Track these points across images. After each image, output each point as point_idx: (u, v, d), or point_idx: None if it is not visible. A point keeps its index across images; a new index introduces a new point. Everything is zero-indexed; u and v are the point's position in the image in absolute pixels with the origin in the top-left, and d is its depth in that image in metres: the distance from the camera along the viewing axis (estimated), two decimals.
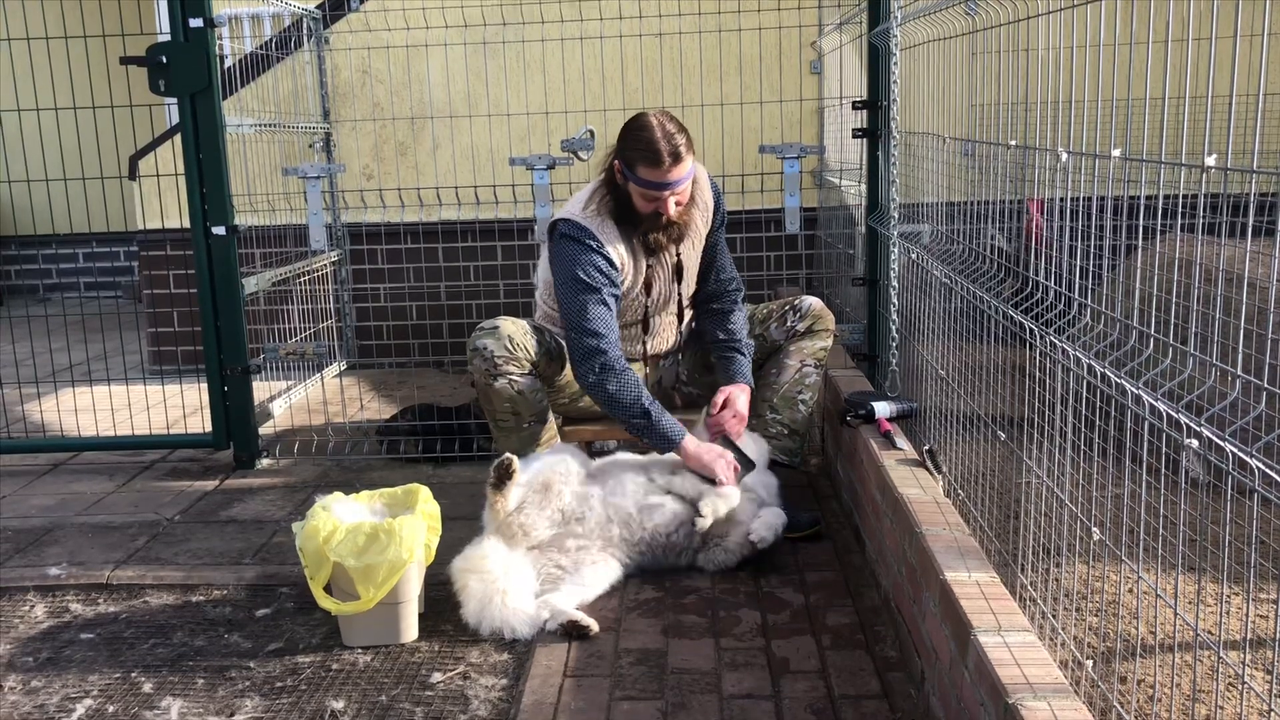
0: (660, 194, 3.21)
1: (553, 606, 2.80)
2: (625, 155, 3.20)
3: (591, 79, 5.23)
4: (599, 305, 3.22)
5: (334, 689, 2.57)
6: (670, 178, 3.17)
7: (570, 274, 3.25)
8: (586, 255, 3.25)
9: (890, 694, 2.46)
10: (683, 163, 3.17)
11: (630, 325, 3.51)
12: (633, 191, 3.24)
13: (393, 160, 5.77)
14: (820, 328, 3.56)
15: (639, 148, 3.16)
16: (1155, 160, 1.70)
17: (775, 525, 3.11)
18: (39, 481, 4.23)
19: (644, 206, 3.26)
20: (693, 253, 3.49)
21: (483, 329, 3.33)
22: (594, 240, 3.26)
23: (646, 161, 3.15)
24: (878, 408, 3.27)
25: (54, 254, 8.73)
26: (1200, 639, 2.12)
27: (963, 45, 2.74)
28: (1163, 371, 1.72)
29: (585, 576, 2.95)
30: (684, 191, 3.27)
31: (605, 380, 3.19)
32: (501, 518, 2.96)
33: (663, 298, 3.50)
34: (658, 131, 3.15)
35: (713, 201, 3.51)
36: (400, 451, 4.31)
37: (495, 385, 3.29)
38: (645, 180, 3.18)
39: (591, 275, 3.23)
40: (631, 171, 3.19)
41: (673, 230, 3.33)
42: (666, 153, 3.13)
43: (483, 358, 3.29)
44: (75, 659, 2.77)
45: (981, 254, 2.60)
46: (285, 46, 5.37)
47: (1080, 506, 2.03)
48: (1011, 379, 2.41)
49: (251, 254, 4.66)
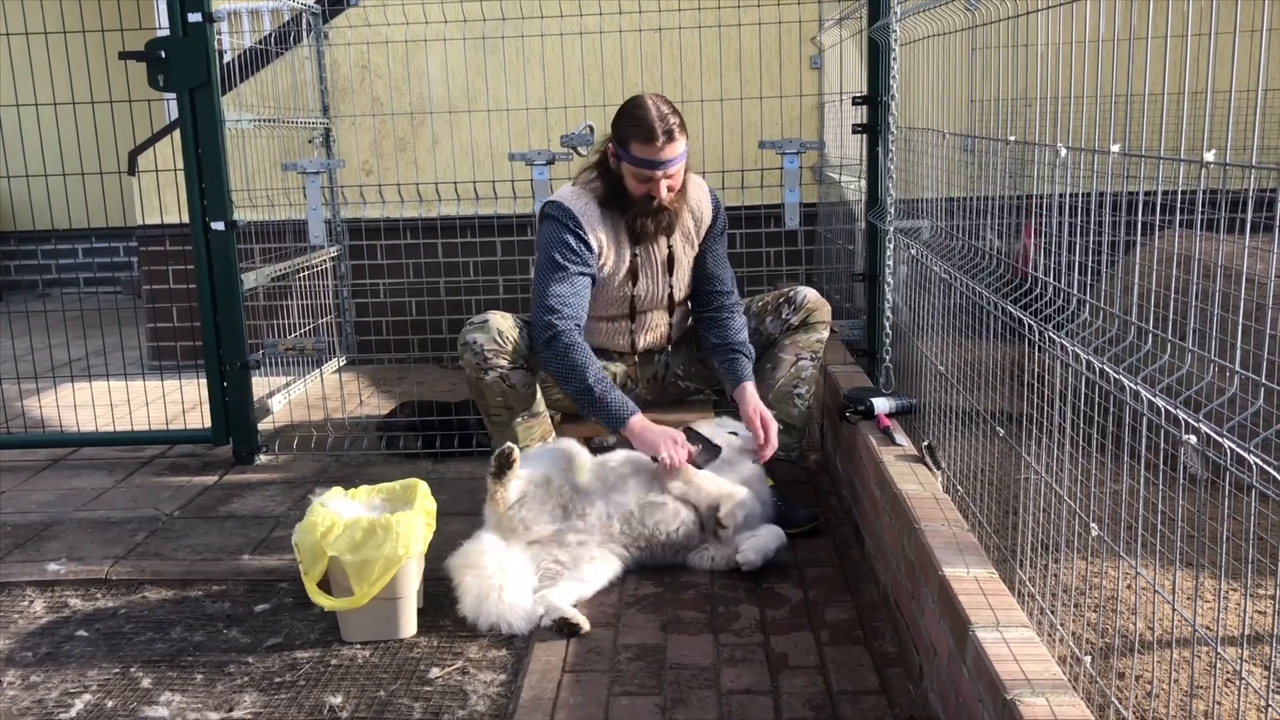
0: (653, 173, 3.22)
1: (548, 602, 2.80)
2: (620, 133, 3.24)
3: (591, 74, 5.22)
4: (563, 283, 3.24)
5: (333, 684, 2.57)
6: (663, 155, 3.20)
7: (544, 253, 3.30)
8: (561, 235, 3.28)
9: (889, 690, 2.46)
10: (675, 142, 3.21)
11: (617, 318, 3.51)
12: (626, 172, 3.27)
13: (392, 155, 5.77)
14: (815, 320, 3.54)
15: (633, 124, 3.20)
16: (1155, 156, 1.70)
17: (767, 550, 3.07)
18: (38, 477, 4.23)
19: (636, 188, 3.28)
20: (688, 248, 3.48)
21: (472, 324, 3.35)
22: (572, 220, 3.29)
23: (640, 137, 3.18)
24: (877, 404, 3.27)
25: (53, 249, 8.73)
26: (1198, 635, 2.12)
27: (962, 40, 2.73)
28: (1161, 367, 1.72)
29: (584, 572, 2.95)
30: (676, 175, 3.28)
31: (553, 352, 3.18)
32: (502, 510, 2.96)
33: (651, 292, 3.48)
34: (653, 110, 3.20)
35: (710, 209, 3.50)
36: (399, 447, 4.31)
37: (486, 379, 3.30)
38: (638, 158, 3.21)
39: (563, 254, 3.26)
40: (625, 149, 3.23)
41: (662, 218, 3.33)
42: (660, 130, 3.17)
43: (473, 352, 3.30)
44: (74, 654, 2.77)
45: (981, 250, 2.60)
46: (284, 41, 5.37)
47: (1079, 502, 2.03)
48: (1010, 375, 2.41)
49: (251, 249, 4.65)
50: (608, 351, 3.58)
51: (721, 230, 3.55)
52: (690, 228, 3.47)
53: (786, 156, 4.28)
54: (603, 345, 3.55)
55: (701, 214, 3.48)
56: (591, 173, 3.38)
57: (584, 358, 3.18)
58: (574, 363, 3.16)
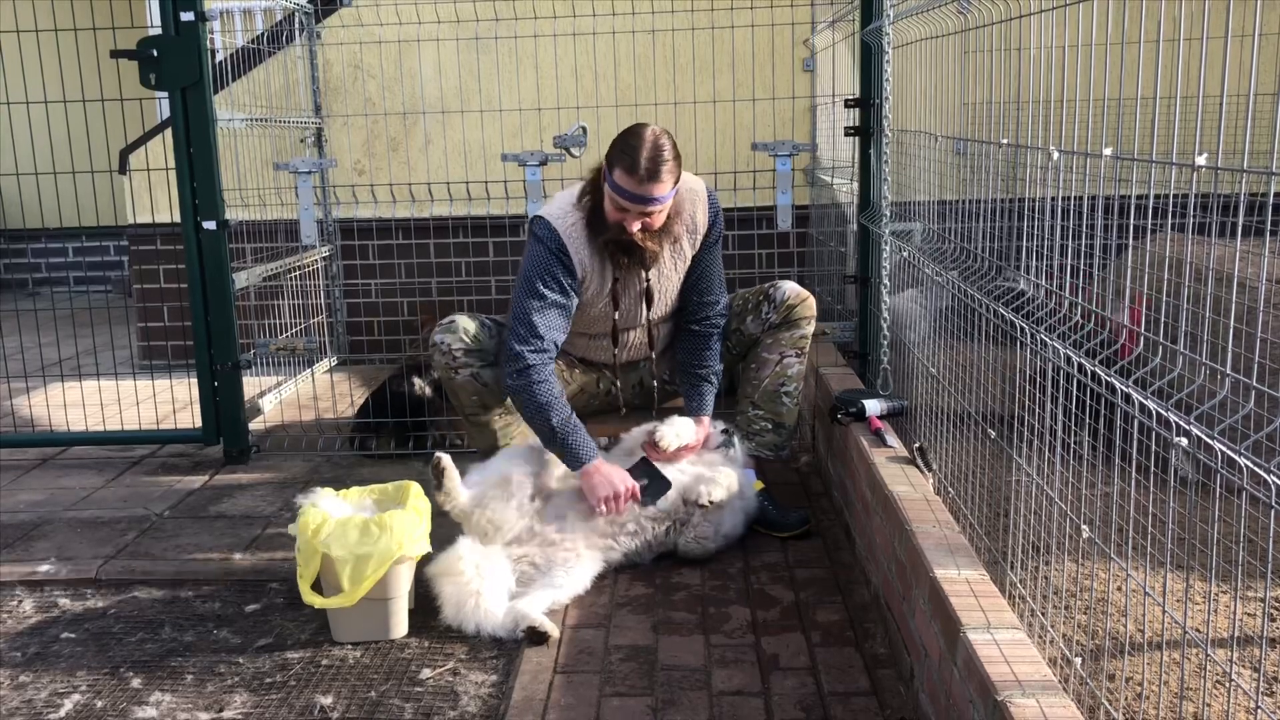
0: (628, 205, 3.12)
1: (517, 612, 2.78)
2: (610, 155, 3.15)
3: (584, 75, 5.22)
4: (540, 314, 3.18)
5: (323, 685, 2.56)
6: (641, 191, 3.08)
7: (526, 276, 3.23)
8: (548, 263, 3.20)
9: (879, 691, 2.47)
10: (659, 183, 3.08)
11: (600, 336, 3.47)
12: (606, 195, 3.16)
13: (384, 156, 5.76)
14: (797, 316, 3.47)
15: (623, 151, 3.09)
16: (1146, 159, 1.71)
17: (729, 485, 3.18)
18: (28, 476, 4.21)
19: (611, 214, 3.18)
20: (672, 275, 3.40)
21: (440, 325, 3.36)
22: (557, 244, 3.21)
23: (624, 167, 3.07)
24: (868, 405, 3.28)
25: (43, 248, 8.70)
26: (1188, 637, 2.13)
27: (955, 44, 2.74)
28: (1153, 370, 1.72)
29: (557, 577, 2.94)
30: (654, 215, 3.17)
31: (522, 384, 3.14)
32: (457, 516, 2.99)
33: (629, 315, 3.43)
34: (648, 143, 3.07)
35: (706, 217, 3.39)
36: (372, 449, 4.31)
37: (458, 379, 3.30)
38: (618, 186, 3.10)
39: (545, 282, 3.19)
40: (610, 173, 3.13)
41: (635, 253, 3.23)
42: (645, 166, 3.04)
43: (441, 353, 3.31)
44: (63, 654, 2.76)
45: (972, 252, 2.60)
46: (276, 41, 5.35)
47: (1070, 505, 2.04)
48: (1002, 377, 2.42)
49: (242, 249, 4.64)
50: (591, 362, 3.57)
51: (717, 238, 3.46)
52: (684, 245, 3.38)
53: (779, 159, 4.28)
54: (585, 356, 3.55)
55: (696, 226, 3.38)
56: (586, 186, 3.29)
57: (550, 397, 3.13)
58: (540, 402, 3.12)
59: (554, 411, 3.12)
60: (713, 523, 3.18)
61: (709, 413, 3.44)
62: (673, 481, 3.16)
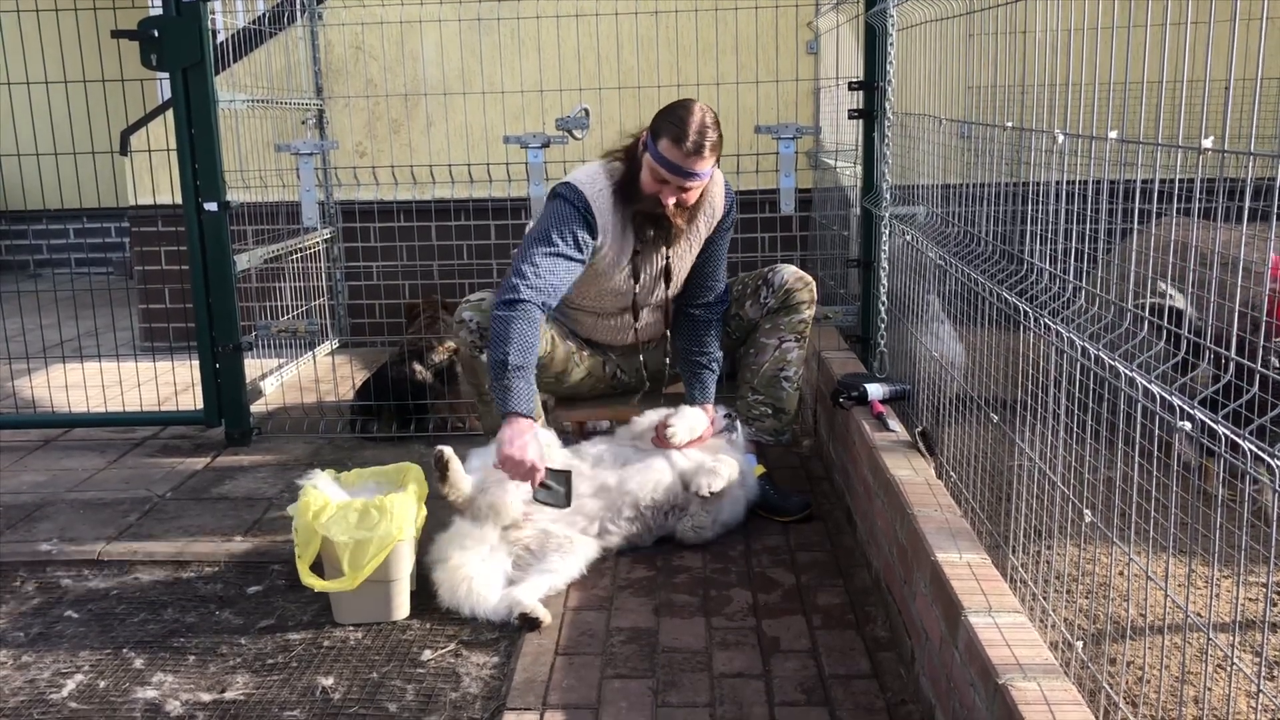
0: (669, 176, 3.12)
1: (511, 598, 2.77)
2: (656, 125, 3.14)
3: (587, 57, 5.20)
4: (549, 259, 3.12)
5: (325, 666, 2.57)
6: (685, 165, 3.09)
7: (543, 225, 3.19)
8: (570, 218, 3.18)
9: (880, 674, 2.47)
10: (703, 158, 3.09)
11: (612, 314, 3.46)
12: (645, 164, 3.16)
13: (386, 137, 5.74)
14: (796, 300, 3.46)
15: (672, 122, 3.09)
16: (1152, 143, 1.70)
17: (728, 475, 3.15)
18: (30, 457, 4.22)
19: (648, 184, 3.18)
20: (686, 256, 3.41)
21: (468, 301, 3.32)
22: (582, 203, 3.19)
23: (671, 137, 3.07)
24: (870, 389, 3.27)
25: (45, 229, 8.69)
26: (1190, 621, 2.13)
27: (960, 26, 2.73)
28: (1156, 354, 1.72)
29: (551, 562, 2.93)
30: (691, 190, 3.18)
31: (504, 314, 3.03)
32: (458, 505, 2.97)
33: (648, 291, 3.43)
34: (697, 118, 3.08)
35: (723, 204, 3.40)
36: (374, 431, 4.31)
37: (480, 357, 3.28)
38: (662, 156, 3.10)
39: (561, 234, 3.15)
40: (654, 142, 3.12)
41: (663, 225, 3.24)
42: (693, 138, 3.06)
43: (468, 329, 3.28)
44: (66, 634, 2.77)
45: (976, 236, 2.59)
46: (278, 21, 5.33)
47: (1072, 488, 2.04)
48: (1005, 361, 2.41)
49: (243, 230, 4.63)
50: (597, 344, 3.56)
51: (731, 224, 3.46)
52: (700, 227, 3.38)
53: (782, 141, 4.27)
54: (592, 337, 3.53)
55: (715, 210, 3.39)
56: (619, 154, 3.28)
57: (524, 339, 3.02)
58: (512, 335, 3.01)
59: (518, 351, 3.00)
60: (710, 512, 3.18)
61: (711, 400, 3.44)
62: (671, 468, 3.16)
